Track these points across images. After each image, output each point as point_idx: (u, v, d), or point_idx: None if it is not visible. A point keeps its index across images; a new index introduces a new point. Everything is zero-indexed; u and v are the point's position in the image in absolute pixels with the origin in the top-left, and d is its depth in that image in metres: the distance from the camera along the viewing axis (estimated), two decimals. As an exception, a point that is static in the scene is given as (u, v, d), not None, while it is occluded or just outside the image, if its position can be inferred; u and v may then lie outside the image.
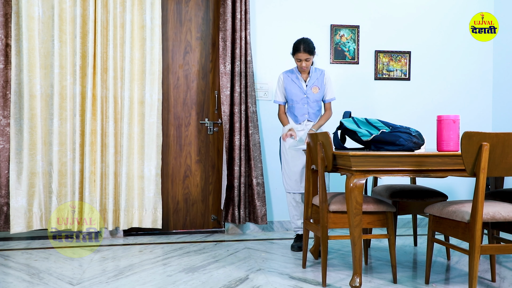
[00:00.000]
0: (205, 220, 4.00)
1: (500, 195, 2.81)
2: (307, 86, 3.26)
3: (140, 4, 3.65)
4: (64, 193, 3.54)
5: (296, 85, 3.27)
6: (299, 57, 3.16)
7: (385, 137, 2.46)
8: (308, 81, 3.27)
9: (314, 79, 3.28)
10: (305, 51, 3.13)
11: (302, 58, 3.15)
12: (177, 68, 3.94)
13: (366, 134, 2.55)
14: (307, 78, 3.29)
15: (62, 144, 3.54)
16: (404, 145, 2.39)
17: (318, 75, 3.30)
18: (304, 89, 3.26)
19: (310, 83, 3.27)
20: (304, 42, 3.14)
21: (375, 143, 2.51)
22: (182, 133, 3.95)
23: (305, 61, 3.16)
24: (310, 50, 3.14)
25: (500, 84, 4.28)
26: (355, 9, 4.12)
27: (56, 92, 3.50)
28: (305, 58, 3.15)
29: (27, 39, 3.43)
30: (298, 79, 3.28)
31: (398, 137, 2.41)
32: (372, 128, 2.57)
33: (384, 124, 2.57)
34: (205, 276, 2.63)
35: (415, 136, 2.41)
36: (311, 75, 3.28)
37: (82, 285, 2.48)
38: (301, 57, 3.15)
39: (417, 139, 2.42)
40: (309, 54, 3.14)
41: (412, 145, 2.40)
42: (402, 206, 2.95)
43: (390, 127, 2.51)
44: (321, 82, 3.29)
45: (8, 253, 3.22)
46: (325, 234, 2.47)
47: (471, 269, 2.06)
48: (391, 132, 2.46)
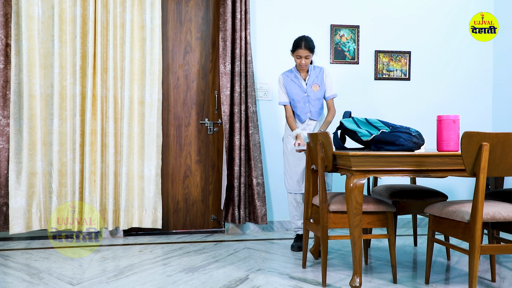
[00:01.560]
0: (205, 220, 4.00)
1: (500, 195, 2.81)
2: (307, 85, 3.26)
3: (140, 4, 3.65)
4: (64, 193, 3.54)
5: (296, 85, 3.27)
6: (299, 54, 3.14)
7: (385, 137, 2.46)
8: (307, 80, 3.27)
9: (313, 77, 3.27)
10: (305, 48, 3.12)
11: (302, 55, 3.14)
12: (177, 68, 3.94)
13: (366, 134, 2.55)
14: (306, 77, 3.29)
15: (62, 144, 3.54)
16: (404, 145, 2.39)
17: (317, 72, 3.29)
18: (304, 88, 3.25)
19: (309, 81, 3.26)
20: (305, 40, 3.14)
21: (375, 143, 2.51)
22: (182, 133, 3.95)
23: (304, 59, 3.15)
24: (311, 48, 3.14)
25: (500, 84, 4.28)
26: (355, 9, 4.12)
27: (56, 92, 3.51)
28: (305, 55, 3.14)
29: (26, 39, 3.43)
30: (298, 78, 3.27)
31: (398, 137, 2.41)
32: (372, 128, 2.57)
33: (384, 124, 2.56)
34: (205, 276, 2.63)
35: (415, 136, 2.41)
36: (310, 73, 3.28)
37: (82, 285, 2.48)
38: (301, 53, 3.14)
39: (417, 139, 2.41)
40: (309, 52, 3.13)
41: (412, 145, 2.40)
42: (402, 206, 2.95)
43: (390, 127, 2.51)
44: (321, 79, 3.29)
45: (8, 253, 3.22)
46: (325, 234, 2.47)
47: (471, 269, 2.06)
48: (391, 132, 2.46)
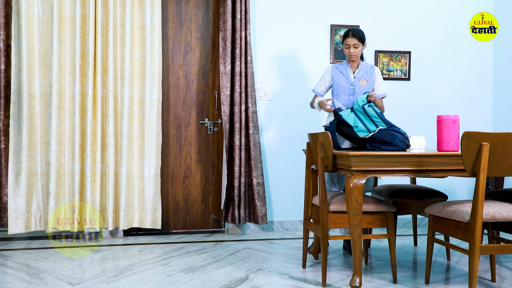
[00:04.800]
0: (205, 220, 4.00)
1: (500, 195, 2.81)
2: (355, 78, 3.19)
3: (140, 4, 3.65)
4: (62, 193, 3.53)
5: (343, 76, 3.21)
6: (348, 43, 3.11)
7: (383, 136, 2.49)
8: (356, 73, 3.20)
9: (363, 72, 3.20)
10: (354, 36, 3.08)
11: (350, 43, 3.10)
12: (177, 68, 3.94)
13: (363, 130, 2.56)
14: (355, 70, 3.22)
15: (60, 144, 3.53)
16: (399, 146, 2.47)
17: (367, 69, 3.22)
18: (351, 81, 3.19)
19: (358, 75, 3.19)
20: (353, 29, 3.11)
21: (372, 142, 2.54)
22: (182, 133, 3.95)
23: (353, 47, 3.10)
24: (360, 37, 3.09)
25: (500, 84, 4.28)
26: (355, 9, 4.12)
27: (54, 91, 3.50)
28: (353, 44, 3.09)
29: (26, 38, 3.43)
30: (347, 70, 3.21)
31: (395, 137, 2.46)
32: (370, 123, 2.59)
33: (380, 119, 2.59)
34: (205, 276, 2.63)
35: (406, 138, 2.51)
36: (360, 67, 3.21)
37: (82, 285, 2.48)
38: (349, 42, 3.10)
39: (407, 141, 2.52)
40: (358, 40, 3.09)
41: (405, 146, 2.49)
42: (402, 206, 2.95)
43: (386, 124, 2.56)
44: (370, 76, 3.21)
45: (8, 253, 3.22)
46: (325, 234, 2.47)
47: (471, 269, 2.06)
48: (388, 130, 2.50)
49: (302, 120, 4.02)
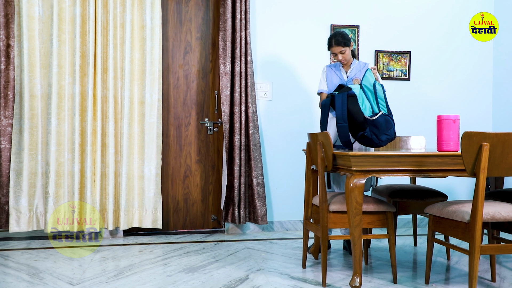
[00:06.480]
0: (205, 220, 4.00)
1: (500, 195, 2.81)
2: (348, 77, 3.19)
3: (140, 4, 3.65)
4: (61, 194, 3.52)
5: (337, 77, 3.21)
6: (333, 51, 3.11)
7: (382, 123, 2.60)
8: (349, 73, 3.19)
9: (356, 71, 3.19)
10: (337, 44, 3.07)
11: (336, 51, 3.10)
12: (177, 68, 3.94)
13: (368, 109, 2.64)
14: (348, 70, 3.21)
15: (59, 144, 3.53)
16: (392, 136, 2.64)
17: (361, 67, 3.21)
18: (344, 81, 3.19)
19: (351, 74, 3.18)
20: (334, 36, 3.09)
21: (372, 127, 2.62)
22: (182, 133, 3.95)
23: (340, 54, 3.10)
24: (343, 42, 3.07)
25: (500, 84, 4.28)
26: (355, 9, 4.12)
27: (54, 91, 3.50)
28: (339, 51, 3.09)
29: (27, 39, 3.43)
30: (340, 71, 3.22)
31: (391, 125, 2.62)
32: (375, 104, 2.65)
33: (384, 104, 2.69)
34: (205, 276, 2.63)
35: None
36: (352, 67, 3.20)
37: (82, 285, 2.48)
38: (335, 50, 3.10)
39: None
40: (342, 46, 3.07)
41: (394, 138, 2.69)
42: (402, 206, 2.95)
43: (387, 109, 2.68)
44: (363, 73, 3.17)
45: (8, 253, 3.22)
46: (325, 234, 2.47)
47: (471, 269, 2.06)
48: (386, 116, 2.63)
49: (302, 120, 4.02)
